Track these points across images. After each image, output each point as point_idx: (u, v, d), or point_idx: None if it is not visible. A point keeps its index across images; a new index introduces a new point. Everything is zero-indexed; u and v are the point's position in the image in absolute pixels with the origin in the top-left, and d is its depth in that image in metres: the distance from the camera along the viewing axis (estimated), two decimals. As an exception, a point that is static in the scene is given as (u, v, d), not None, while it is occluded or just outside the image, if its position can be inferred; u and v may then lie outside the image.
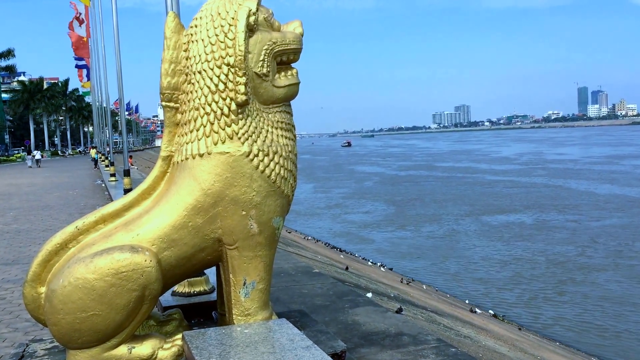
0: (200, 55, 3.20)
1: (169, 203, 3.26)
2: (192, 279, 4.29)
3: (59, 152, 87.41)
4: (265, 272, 3.38)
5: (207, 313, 4.09)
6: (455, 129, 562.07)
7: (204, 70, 3.19)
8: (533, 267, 17.86)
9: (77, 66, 33.79)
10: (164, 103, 3.37)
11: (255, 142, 3.22)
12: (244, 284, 3.32)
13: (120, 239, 3.19)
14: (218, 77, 3.15)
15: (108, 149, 31.88)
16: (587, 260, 18.37)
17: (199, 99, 3.21)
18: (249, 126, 3.21)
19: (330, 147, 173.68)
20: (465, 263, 18.85)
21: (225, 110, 3.16)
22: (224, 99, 3.16)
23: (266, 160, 3.24)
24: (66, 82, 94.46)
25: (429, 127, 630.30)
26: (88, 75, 35.41)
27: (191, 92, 3.26)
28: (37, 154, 52.59)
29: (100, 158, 40.88)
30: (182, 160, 3.29)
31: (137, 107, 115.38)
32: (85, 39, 29.13)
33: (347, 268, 12.49)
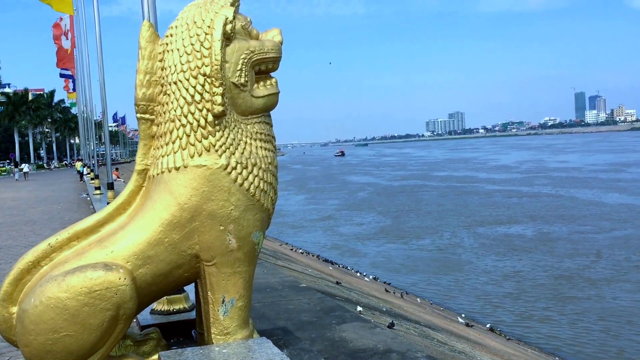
0: (175, 66, 3.11)
1: (144, 218, 3.15)
2: (171, 296, 4.16)
3: (45, 165, 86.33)
4: (244, 289, 3.27)
5: (187, 332, 3.96)
6: (450, 136, 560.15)
7: (179, 80, 3.09)
8: (534, 280, 17.49)
9: (62, 75, 33.50)
10: (139, 115, 3.28)
11: (233, 154, 3.12)
12: (223, 301, 3.21)
13: (94, 256, 3.07)
14: (194, 87, 3.06)
15: (95, 161, 31.58)
16: (592, 274, 17.87)
17: (175, 111, 3.11)
18: (227, 138, 3.11)
19: (322, 157, 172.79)
20: (464, 276, 18.52)
21: (202, 121, 3.06)
22: (201, 110, 3.06)
23: (245, 173, 3.14)
24: (52, 93, 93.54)
25: (423, 135, 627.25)
26: (74, 86, 35.18)
27: (167, 103, 3.16)
28: (25, 167, 52.79)
29: (87, 171, 40.52)
30: (157, 174, 3.19)
31: (124, 119, 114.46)
32: (70, 50, 28.95)
33: (338, 283, 12.32)
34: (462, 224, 28.71)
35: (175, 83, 3.11)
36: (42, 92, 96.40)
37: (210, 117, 3.06)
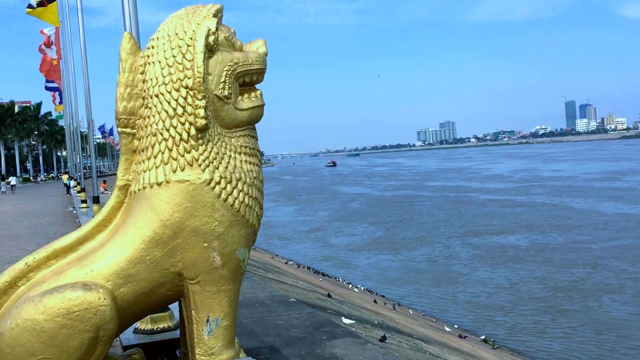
0: (157, 78, 3.03)
1: (126, 236, 3.05)
2: (155, 314, 4.05)
3: (31, 178, 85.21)
4: (229, 308, 3.17)
5: (172, 351, 3.85)
6: (441, 146, 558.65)
7: (161, 93, 3.01)
8: (529, 292, 17.34)
9: (47, 88, 33.30)
10: (119, 129, 3.19)
11: (217, 168, 3.03)
12: (207, 321, 3.11)
13: (72, 275, 2.97)
14: (176, 100, 2.98)
15: (83, 174, 31.26)
16: (588, 285, 17.68)
17: (157, 124, 3.03)
18: (210, 152, 3.03)
19: (312, 167, 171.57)
20: (457, 288, 18.36)
21: (185, 135, 2.98)
22: (183, 124, 2.98)
23: (229, 187, 3.05)
24: (38, 105, 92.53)
25: (414, 145, 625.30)
26: (61, 99, 34.95)
27: (148, 116, 3.08)
28: (13, 180, 52.47)
29: (73, 184, 40.11)
30: (139, 190, 3.10)
31: (112, 130, 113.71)
32: (55, 61, 28.78)
33: (329, 295, 12.19)
34: (456, 235, 28.50)
35: (156, 96, 3.03)
36: (28, 105, 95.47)
37: (193, 131, 2.98)
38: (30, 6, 21.92)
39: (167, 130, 3.00)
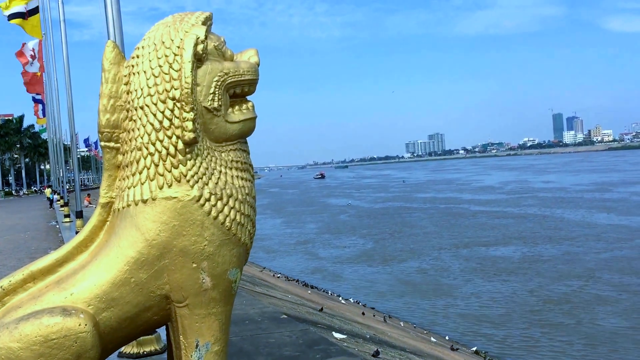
0: (142, 89, 2.84)
1: (109, 256, 2.86)
2: (141, 337, 3.84)
3: (13, 192, 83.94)
4: (220, 332, 2.98)
5: (159, 377, 3.64)
6: (430, 157, 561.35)
7: (146, 105, 2.83)
8: (521, 304, 17.27)
9: (35, 100, 32.98)
10: (102, 143, 2.99)
11: (207, 184, 2.85)
12: (197, 346, 2.91)
13: (51, 299, 2.78)
14: (162, 112, 2.80)
15: (67, 187, 30.79)
16: (580, 297, 17.64)
17: (142, 138, 2.84)
18: (199, 167, 2.85)
19: (300, 180, 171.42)
20: (449, 300, 18.29)
21: (172, 149, 2.80)
22: (170, 138, 2.80)
23: (219, 204, 2.86)
24: (21, 118, 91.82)
25: (402, 157, 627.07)
26: (44, 111, 34.55)
27: (133, 130, 2.89)
28: None
29: (57, 197, 39.54)
30: (123, 207, 2.90)
31: (96, 143, 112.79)
32: (39, 74, 28.45)
33: (321, 309, 12.03)
34: (447, 246, 28.44)
35: (142, 108, 2.84)
36: (11, 118, 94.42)
37: (180, 145, 2.80)
38: (13, 16, 21.65)
39: (153, 145, 2.81)
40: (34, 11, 22.46)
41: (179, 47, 2.81)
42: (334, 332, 8.20)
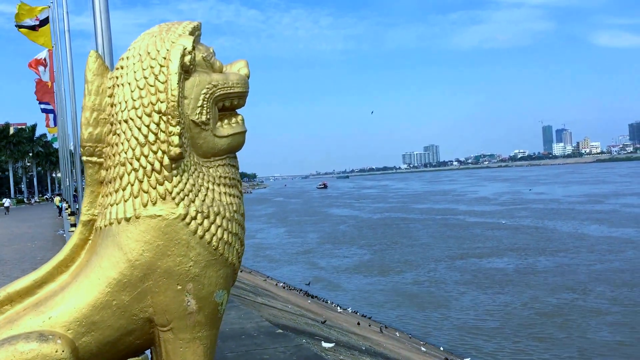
0: (126, 102, 2.70)
1: (89, 278, 2.71)
2: (126, 360, 3.68)
3: (25, 200, 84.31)
4: (205, 357, 2.83)
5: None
6: (425, 169, 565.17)
7: (131, 119, 2.69)
8: (516, 316, 17.20)
9: (43, 110, 33.03)
10: (85, 158, 2.85)
11: (193, 202, 2.70)
12: (181, 372, 2.76)
13: (28, 323, 2.64)
14: (148, 126, 2.66)
15: (73, 196, 30.70)
16: (575, 309, 17.58)
17: (126, 153, 2.70)
18: (185, 184, 2.70)
19: (303, 189, 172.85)
20: (444, 311, 18.26)
21: (157, 165, 2.65)
22: (155, 153, 2.65)
23: (206, 223, 2.71)
24: (33, 127, 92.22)
25: (399, 168, 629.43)
26: (55, 121, 34.62)
27: (117, 144, 2.75)
28: (7, 202, 52.61)
29: (65, 206, 39.50)
30: (105, 226, 2.76)
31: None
32: (49, 84, 28.45)
33: (324, 321, 11.94)
34: (443, 258, 28.52)
35: (126, 121, 2.71)
36: (24, 127, 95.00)
37: (166, 160, 2.65)
38: (21, 26, 21.70)
39: (138, 160, 2.67)
40: (45, 21, 22.52)
41: (165, 58, 2.68)
42: (322, 342, 8.17)
